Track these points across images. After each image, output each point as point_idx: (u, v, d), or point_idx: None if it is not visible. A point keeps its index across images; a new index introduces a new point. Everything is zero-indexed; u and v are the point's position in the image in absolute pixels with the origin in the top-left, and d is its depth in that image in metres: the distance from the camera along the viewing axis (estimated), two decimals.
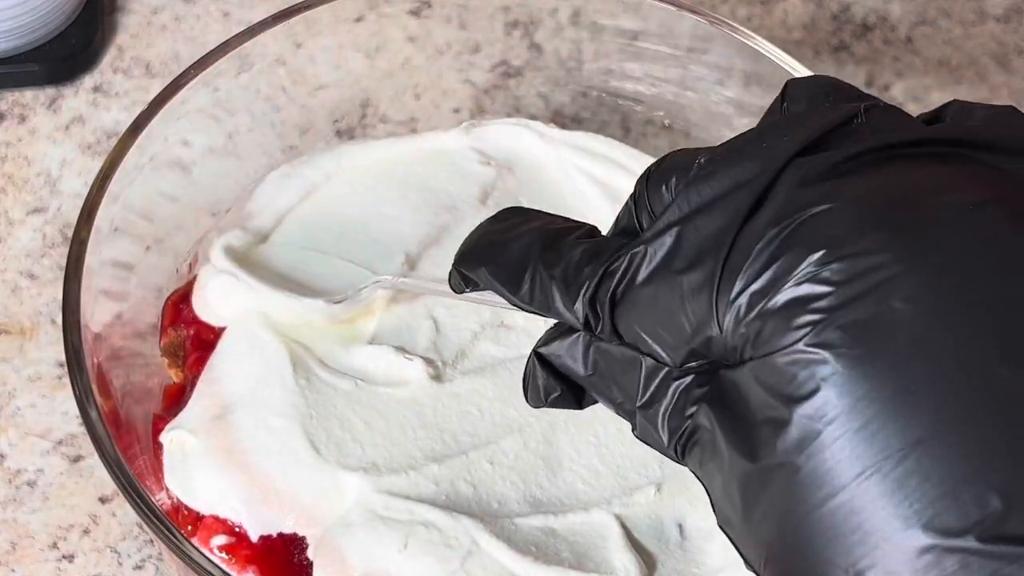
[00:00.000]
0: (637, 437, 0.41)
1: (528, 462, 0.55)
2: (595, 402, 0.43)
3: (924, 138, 0.38)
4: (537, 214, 0.44)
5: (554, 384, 0.43)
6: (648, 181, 0.41)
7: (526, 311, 0.42)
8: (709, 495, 0.39)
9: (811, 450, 0.34)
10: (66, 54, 0.74)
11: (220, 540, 0.53)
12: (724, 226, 0.37)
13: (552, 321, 0.43)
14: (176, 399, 0.57)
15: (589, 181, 0.63)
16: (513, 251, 0.43)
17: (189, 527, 0.54)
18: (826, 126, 0.38)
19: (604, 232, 0.44)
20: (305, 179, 0.62)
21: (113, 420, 0.53)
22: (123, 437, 0.53)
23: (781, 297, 0.35)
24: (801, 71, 0.61)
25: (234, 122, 0.63)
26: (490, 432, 0.55)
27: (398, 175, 0.63)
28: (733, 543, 0.39)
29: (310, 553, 0.53)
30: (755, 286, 0.36)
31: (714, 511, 0.39)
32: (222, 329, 0.58)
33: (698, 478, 0.40)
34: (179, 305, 0.59)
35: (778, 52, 0.62)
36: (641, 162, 0.63)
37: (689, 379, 0.39)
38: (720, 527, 0.39)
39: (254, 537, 0.54)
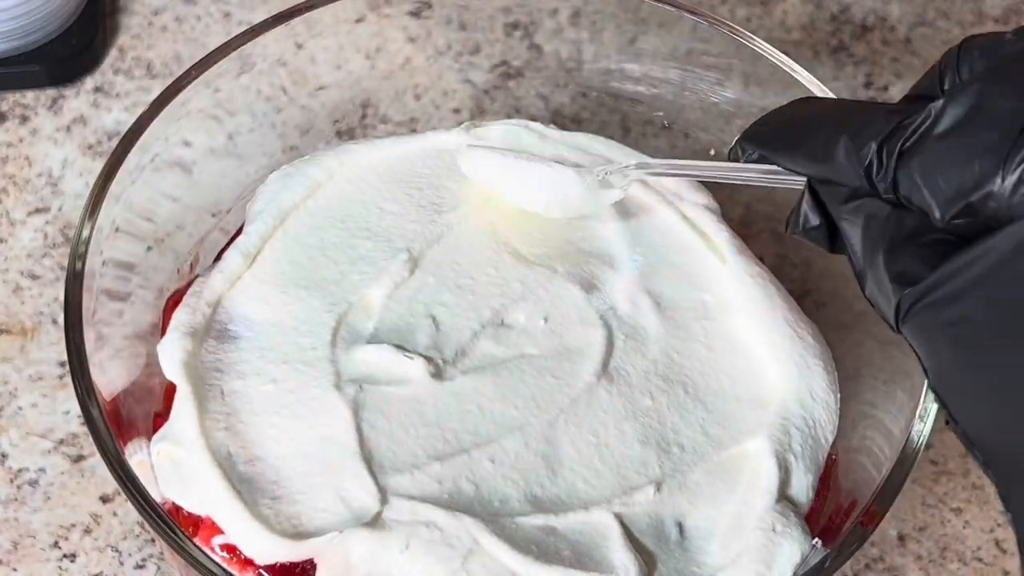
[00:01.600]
0: (867, 296, 0.45)
1: (529, 461, 0.55)
2: (843, 251, 0.46)
3: None
4: (821, 96, 0.50)
5: (816, 216, 0.47)
6: (961, 48, 0.45)
7: (805, 173, 0.46)
8: (928, 362, 0.43)
9: None
10: (67, 55, 0.74)
11: (221, 539, 0.53)
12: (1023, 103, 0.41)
13: None
14: None
15: None
16: (805, 116, 0.47)
17: (190, 527, 0.54)
18: None
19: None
20: (308, 177, 0.62)
21: (114, 420, 0.53)
22: (124, 436, 0.54)
23: None
24: (801, 71, 0.61)
25: (235, 122, 0.63)
26: (491, 431, 0.55)
27: (401, 173, 0.63)
28: (949, 413, 0.43)
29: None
30: None
31: (931, 376, 0.43)
32: None
33: (915, 345, 0.43)
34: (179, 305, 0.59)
35: (777, 53, 0.62)
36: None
37: (932, 236, 0.43)
38: (936, 390, 0.43)
39: None
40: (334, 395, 0.56)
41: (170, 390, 0.58)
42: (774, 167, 0.48)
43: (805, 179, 0.47)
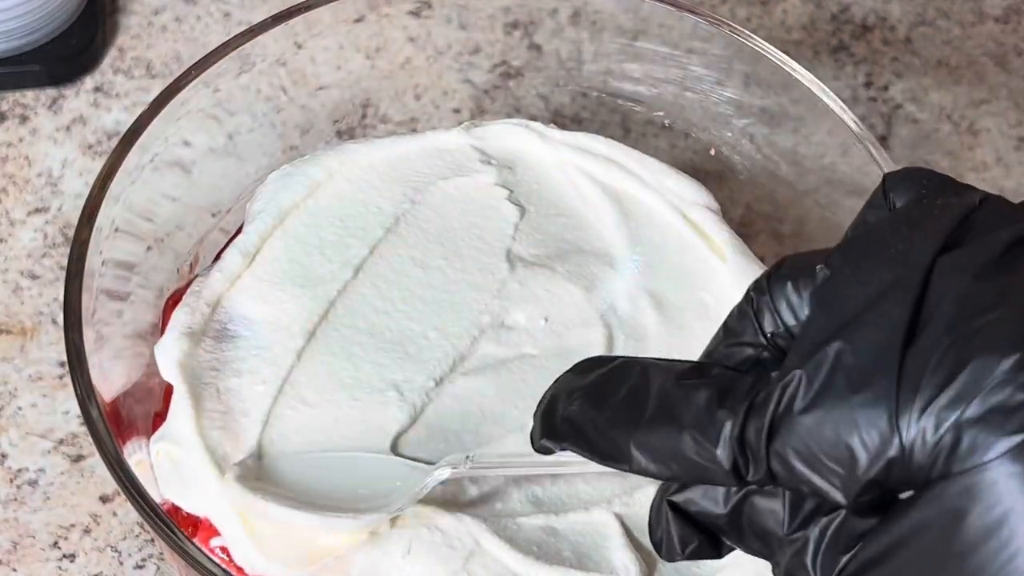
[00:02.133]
0: None
1: None
2: (733, 549, 0.40)
3: None
4: (620, 363, 0.40)
5: (691, 534, 0.40)
6: (769, 283, 0.39)
7: (647, 477, 0.39)
8: None
9: None
10: (67, 55, 0.74)
11: (220, 540, 0.53)
12: (888, 339, 0.35)
13: None
14: None
15: (589, 181, 0.63)
16: (612, 418, 0.39)
17: (190, 528, 0.54)
18: (954, 223, 0.37)
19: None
20: (308, 177, 0.62)
21: (114, 420, 0.53)
22: (124, 436, 0.53)
23: (977, 407, 0.33)
24: (801, 71, 0.61)
25: (235, 122, 0.63)
26: (492, 431, 0.55)
27: (401, 173, 0.63)
28: None
29: None
30: (942, 399, 0.34)
31: None
32: None
33: None
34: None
35: (778, 52, 0.62)
36: (641, 162, 0.63)
37: (840, 516, 0.37)
38: None
39: None
40: None
41: (169, 390, 0.58)
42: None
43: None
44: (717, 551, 0.41)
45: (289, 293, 0.59)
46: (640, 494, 0.55)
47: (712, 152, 0.66)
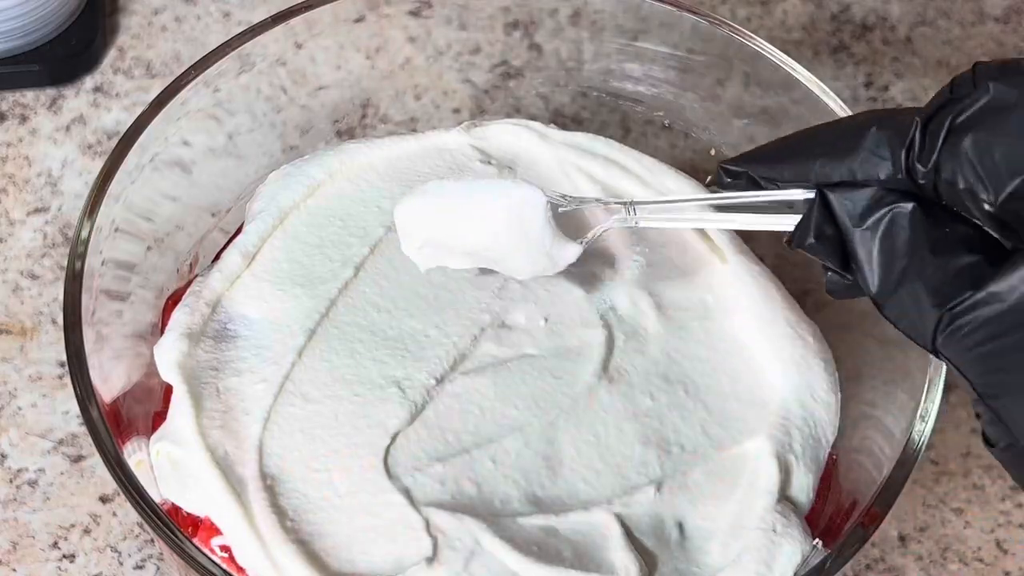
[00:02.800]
0: (888, 316, 0.41)
1: (530, 461, 0.55)
2: (853, 283, 0.43)
3: None
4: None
5: (829, 226, 0.43)
6: (975, 73, 0.41)
7: (816, 179, 0.43)
8: (973, 375, 0.39)
9: None
10: (67, 55, 0.74)
11: (220, 540, 0.53)
12: None
13: None
14: None
15: (589, 181, 0.63)
16: (816, 131, 0.44)
17: (190, 528, 0.54)
18: None
19: None
20: (308, 177, 0.62)
21: (114, 420, 0.53)
22: (123, 437, 0.53)
23: None
24: (801, 71, 0.61)
25: (235, 122, 0.63)
26: (492, 431, 0.55)
27: (401, 172, 0.63)
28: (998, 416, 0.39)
29: None
30: None
31: (977, 387, 0.39)
32: None
33: (956, 362, 0.39)
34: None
35: (778, 52, 0.62)
36: (641, 162, 0.63)
37: (971, 245, 0.39)
38: (984, 399, 0.39)
39: None
40: None
41: (169, 390, 0.58)
42: (780, 193, 0.45)
43: (812, 194, 0.44)
44: (842, 260, 0.43)
45: (289, 292, 0.59)
46: (640, 495, 0.55)
47: (712, 152, 0.66)
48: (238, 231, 0.62)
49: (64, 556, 0.61)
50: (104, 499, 0.63)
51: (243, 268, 0.59)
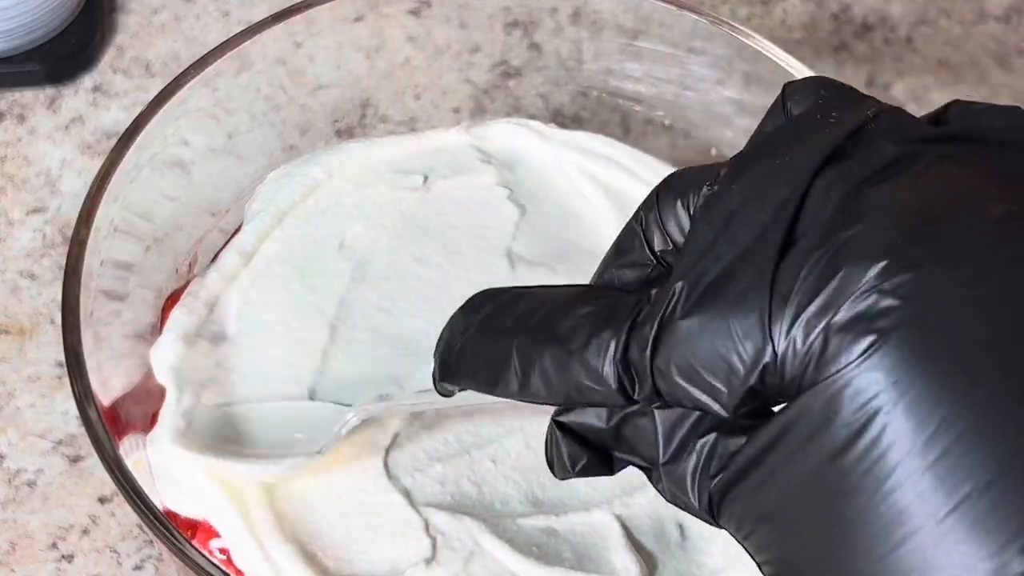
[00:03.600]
0: (668, 501, 0.39)
1: (530, 461, 0.55)
2: (626, 466, 0.40)
3: (937, 136, 0.37)
4: (510, 294, 0.40)
5: (580, 452, 0.40)
6: (659, 200, 0.39)
7: (538, 404, 0.39)
8: (756, 557, 0.36)
9: (884, 490, 0.32)
10: (66, 54, 0.74)
11: (219, 542, 0.53)
12: (763, 251, 0.35)
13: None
14: None
15: (589, 181, 0.63)
16: (501, 348, 0.39)
17: (189, 529, 0.54)
18: (842, 136, 0.37)
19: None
20: (307, 176, 0.62)
21: (112, 420, 0.53)
22: (122, 437, 0.53)
23: (844, 314, 0.33)
24: (802, 71, 0.61)
25: (234, 122, 0.63)
26: (492, 431, 0.55)
27: (400, 172, 0.63)
28: None
29: None
30: (812, 308, 0.34)
31: (763, 570, 0.36)
32: None
33: (739, 541, 0.36)
34: None
35: (778, 52, 0.62)
36: (641, 162, 0.63)
37: (713, 438, 0.37)
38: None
39: None
40: None
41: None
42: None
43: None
44: (609, 468, 0.41)
45: (288, 292, 0.59)
46: (641, 495, 0.54)
47: (712, 152, 0.66)
48: (237, 231, 0.61)
49: (63, 557, 0.61)
50: (103, 500, 0.62)
51: (241, 268, 0.59)
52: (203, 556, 0.49)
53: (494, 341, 0.40)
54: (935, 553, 0.32)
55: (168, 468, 0.54)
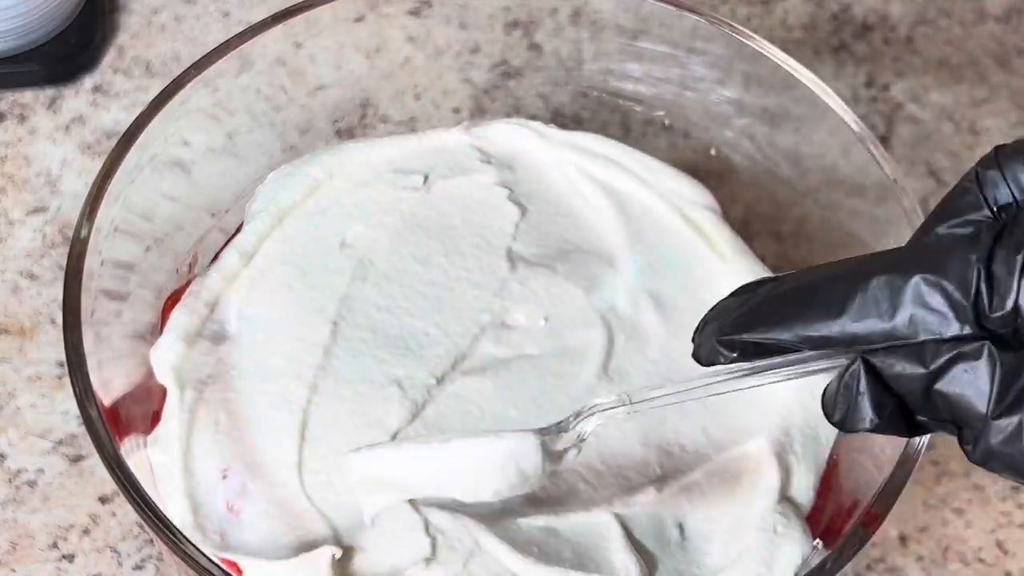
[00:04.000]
0: (980, 463, 0.36)
1: None
2: (925, 431, 0.38)
3: None
4: (797, 271, 0.39)
5: (887, 399, 0.37)
6: (1000, 158, 0.38)
7: (842, 348, 0.37)
8: None
9: None
10: (66, 54, 0.74)
11: None
12: None
13: None
14: None
15: (589, 181, 0.63)
16: (815, 288, 0.38)
17: None
18: None
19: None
20: (307, 176, 0.62)
21: (113, 420, 0.53)
22: (123, 437, 0.53)
23: None
24: (802, 71, 0.61)
25: (234, 122, 0.63)
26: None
27: (401, 172, 0.63)
28: None
29: None
30: None
31: None
32: None
33: None
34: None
35: (778, 52, 0.62)
36: (641, 162, 0.63)
37: None
38: None
39: None
40: None
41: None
42: (790, 360, 0.39)
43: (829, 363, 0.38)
44: (908, 427, 0.38)
45: (288, 292, 0.59)
46: (640, 495, 0.54)
47: (712, 152, 0.66)
48: (237, 231, 0.61)
49: (63, 556, 0.61)
50: (103, 499, 0.62)
51: (241, 268, 0.59)
52: (203, 555, 0.49)
53: (807, 281, 0.38)
54: None
55: (168, 469, 0.54)
